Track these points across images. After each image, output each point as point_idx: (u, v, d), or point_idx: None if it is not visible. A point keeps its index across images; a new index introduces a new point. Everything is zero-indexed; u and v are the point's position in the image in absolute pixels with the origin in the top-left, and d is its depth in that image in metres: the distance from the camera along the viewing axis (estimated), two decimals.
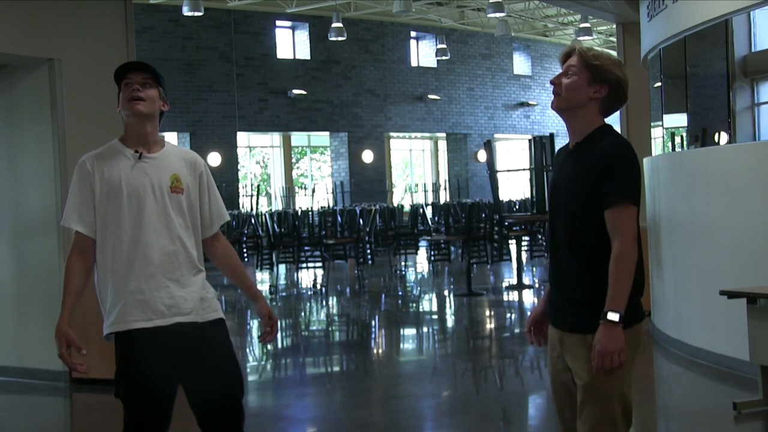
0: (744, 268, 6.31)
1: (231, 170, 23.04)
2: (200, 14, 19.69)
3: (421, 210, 17.38)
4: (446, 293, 12.66)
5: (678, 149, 8.97)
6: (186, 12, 18.91)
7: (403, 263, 16.66)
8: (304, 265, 14.01)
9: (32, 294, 7.02)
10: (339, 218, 15.60)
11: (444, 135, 28.54)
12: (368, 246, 13.97)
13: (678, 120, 9.20)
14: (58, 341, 3.16)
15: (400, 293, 13.00)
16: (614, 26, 12.02)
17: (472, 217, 13.60)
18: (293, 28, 25.04)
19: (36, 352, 6.85)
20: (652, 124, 9.76)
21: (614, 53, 11.13)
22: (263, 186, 25.31)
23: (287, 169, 26.06)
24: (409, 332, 9.60)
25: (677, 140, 9.19)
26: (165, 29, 22.15)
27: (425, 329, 9.72)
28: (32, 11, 6.84)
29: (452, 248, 15.61)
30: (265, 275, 15.31)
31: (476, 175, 28.13)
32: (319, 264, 14.24)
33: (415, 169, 29.84)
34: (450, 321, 10.34)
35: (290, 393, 6.73)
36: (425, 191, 26.81)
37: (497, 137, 28.66)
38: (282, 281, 14.86)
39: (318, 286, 13.54)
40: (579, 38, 24.50)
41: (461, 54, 28.11)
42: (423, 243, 16.68)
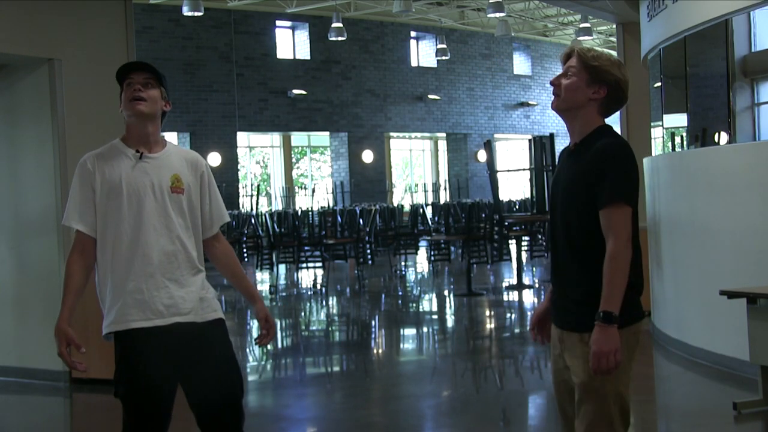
0: (744, 268, 6.31)
1: (231, 170, 23.04)
2: (200, 14, 19.69)
3: (421, 210, 17.37)
4: (446, 293, 12.66)
5: (678, 149, 8.97)
6: (186, 12, 18.92)
7: (403, 263, 16.66)
8: (304, 265, 14.01)
9: (32, 294, 7.02)
10: (339, 218, 15.60)
11: (444, 135, 28.54)
12: (368, 246, 13.96)
13: (678, 120, 9.20)
14: (58, 339, 3.17)
15: (400, 293, 13.00)
16: (614, 26, 12.02)
17: (472, 217, 13.60)
18: (293, 28, 25.04)
19: (36, 352, 6.85)
20: (652, 124, 9.76)
21: (614, 53, 11.16)
22: (263, 186, 25.31)
23: (287, 169, 26.06)
24: (409, 332, 9.60)
25: (677, 140, 9.19)
26: (165, 29, 22.15)
27: (425, 329, 9.72)
28: (32, 11, 6.84)
29: (452, 248, 15.61)
30: (265, 275, 15.31)
31: (476, 175, 28.13)
32: (319, 264, 14.24)
33: (415, 169, 29.84)
34: (450, 321, 10.34)
35: (290, 393, 6.73)
36: (425, 191, 26.80)
37: (497, 137, 28.67)
38: (282, 281, 14.86)
39: (318, 286, 13.54)
40: (579, 38, 24.50)
41: (461, 54, 28.10)
42: (423, 243, 16.68)
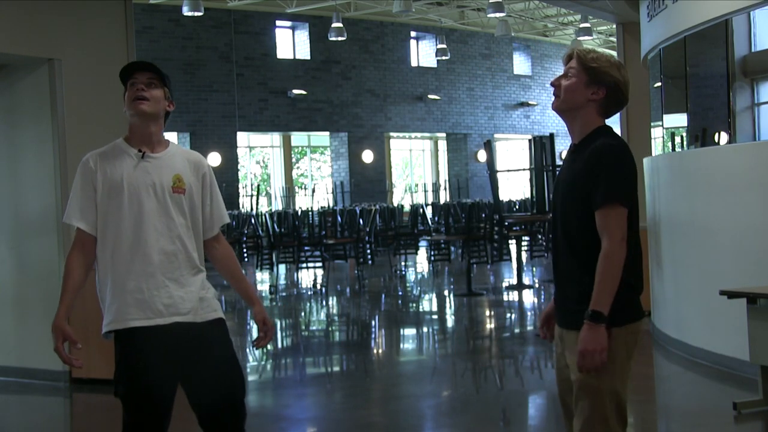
0: (744, 268, 6.31)
1: (231, 170, 23.04)
2: (200, 14, 19.69)
3: (421, 210, 17.37)
4: (446, 293, 12.66)
5: (678, 149, 8.97)
6: (186, 12, 18.92)
7: (403, 263, 16.66)
8: (304, 265, 14.01)
9: (32, 294, 7.02)
10: (339, 218, 15.60)
11: (444, 135, 28.54)
12: (368, 246, 13.96)
13: (678, 120, 9.20)
14: (54, 335, 3.18)
15: (400, 293, 13.00)
16: (614, 26, 12.02)
17: (472, 217, 13.60)
18: (293, 28, 25.04)
19: (36, 352, 6.85)
20: (652, 124, 9.75)
21: (614, 53, 11.17)
22: (263, 186, 25.30)
23: (287, 169, 26.06)
24: (409, 332, 9.60)
25: (677, 140, 9.18)
26: (165, 29, 22.15)
27: (425, 329, 9.72)
28: (32, 11, 6.84)
29: (452, 248, 15.61)
30: (265, 275, 15.31)
31: (476, 175, 28.13)
32: (319, 264, 14.24)
33: (415, 169, 29.84)
34: (450, 321, 10.34)
35: (290, 393, 6.73)
36: (425, 191, 26.80)
37: (497, 137, 28.67)
38: (282, 281, 14.86)
39: (318, 286, 13.54)
40: (579, 38, 24.49)
41: (461, 54, 28.10)
42: (423, 243, 16.68)
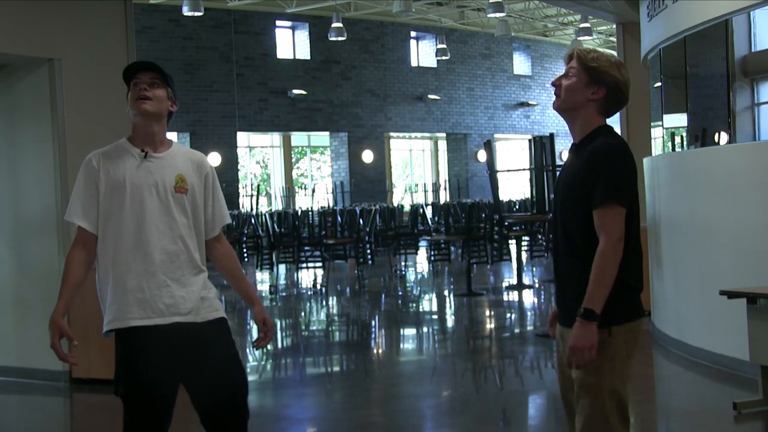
0: (744, 268, 6.31)
1: (231, 170, 23.04)
2: (200, 14, 19.69)
3: (421, 210, 17.37)
4: (446, 293, 12.66)
5: (678, 149, 8.97)
6: (186, 12, 18.92)
7: (403, 263, 16.66)
8: (304, 265, 14.01)
9: (32, 294, 7.02)
10: (339, 218, 15.60)
11: (444, 135, 28.54)
12: (368, 246, 13.96)
13: (678, 120, 9.20)
14: (51, 331, 3.19)
15: (400, 293, 13.00)
16: (614, 26, 12.02)
17: (472, 217, 13.60)
18: (293, 28, 25.04)
19: (36, 352, 6.84)
20: (652, 124, 9.75)
21: (614, 53, 11.15)
22: (263, 186, 25.31)
23: (287, 169, 26.06)
24: (409, 332, 9.60)
25: (677, 140, 9.18)
26: (165, 29, 22.16)
27: (425, 329, 9.72)
28: (32, 11, 6.84)
29: (452, 248, 15.61)
30: (265, 275, 15.31)
31: (476, 175, 28.13)
32: (319, 264, 14.24)
33: (415, 169, 29.84)
34: (450, 321, 10.34)
35: (290, 393, 6.73)
36: (425, 191, 26.80)
37: (497, 137, 28.67)
38: (282, 281, 14.86)
39: (318, 286, 13.54)
40: (579, 38, 24.49)
41: (461, 54, 28.10)
42: (423, 243, 16.68)
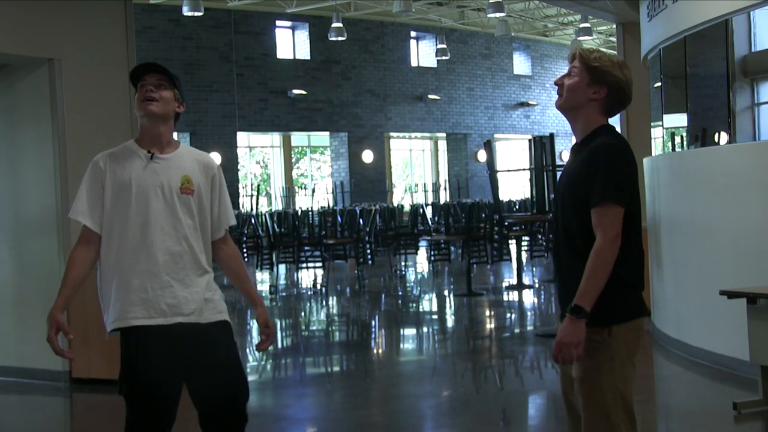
0: (744, 268, 6.31)
1: (231, 170, 23.03)
2: (200, 14, 19.68)
3: (421, 210, 17.37)
4: (446, 293, 12.66)
5: (678, 149, 8.97)
6: (186, 12, 18.91)
7: (403, 263, 16.65)
8: (304, 265, 14.01)
9: (32, 294, 7.01)
10: (339, 218, 15.59)
11: (444, 135, 28.53)
12: (368, 246, 13.96)
13: (678, 120, 9.20)
14: (49, 325, 3.22)
15: (400, 293, 13.00)
16: (614, 26, 12.02)
17: (472, 217, 13.60)
18: (293, 28, 25.03)
19: (36, 352, 6.83)
20: (652, 124, 9.75)
21: (614, 53, 11.13)
22: (263, 186, 25.30)
23: (287, 169, 26.06)
24: (409, 332, 9.60)
25: (677, 140, 9.18)
26: (165, 29, 22.15)
27: (425, 329, 9.72)
28: (32, 11, 6.84)
29: (452, 248, 15.61)
30: (265, 275, 15.31)
31: (476, 175, 28.13)
32: (319, 264, 14.24)
33: (415, 169, 29.83)
34: (450, 321, 10.34)
35: (290, 393, 6.73)
36: (425, 191, 26.80)
37: (497, 137, 28.66)
38: (282, 281, 14.86)
39: (318, 286, 13.54)
40: (579, 38, 24.48)
41: (461, 54, 28.10)
42: (423, 243, 16.67)
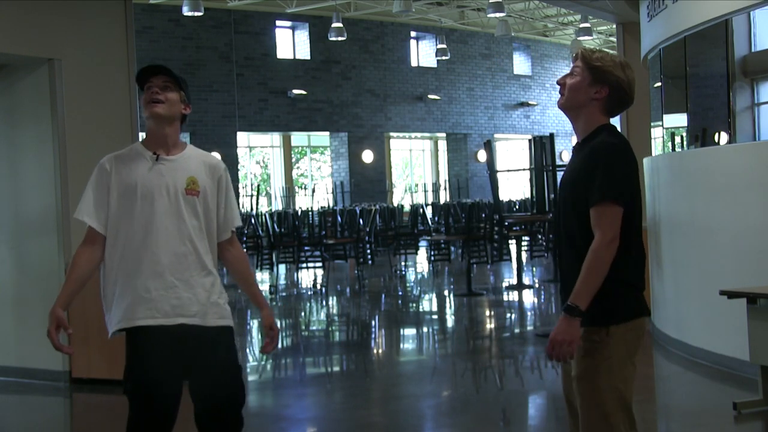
0: (744, 268, 6.31)
1: (231, 170, 22.77)
2: (200, 14, 19.67)
3: (421, 210, 17.37)
4: (446, 293, 12.66)
5: (678, 149, 8.97)
6: (186, 12, 18.90)
7: (403, 263, 16.65)
8: (304, 265, 14.01)
9: (32, 294, 7.01)
10: (339, 218, 15.60)
11: (444, 135, 28.53)
12: (368, 246, 13.96)
13: (678, 120, 9.20)
14: (49, 320, 3.25)
15: (400, 293, 13.00)
16: (614, 26, 12.02)
17: (472, 217, 13.60)
18: (293, 28, 25.03)
19: (36, 352, 6.84)
20: (652, 124, 9.75)
21: (616, 54, 11.13)
22: (263, 186, 25.30)
23: (287, 169, 26.06)
24: (409, 332, 9.60)
25: (677, 140, 9.18)
26: (165, 29, 22.15)
27: (425, 329, 9.72)
28: (32, 11, 6.84)
29: (452, 248, 15.61)
30: (265, 275, 15.30)
31: (476, 175, 28.12)
32: (319, 264, 14.24)
33: (415, 169, 29.83)
34: (450, 321, 10.34)
35: (290, 393, 6.73)
36: (425, 191, 26.79)
37: (497, 137, 28.66)
38: (282, 281, 14.86)
39: (318, 286, 13.54)
40: (579, 38, 24.49)
41: (461, 54, 28.09)
42: (423, 243, 16.67)
